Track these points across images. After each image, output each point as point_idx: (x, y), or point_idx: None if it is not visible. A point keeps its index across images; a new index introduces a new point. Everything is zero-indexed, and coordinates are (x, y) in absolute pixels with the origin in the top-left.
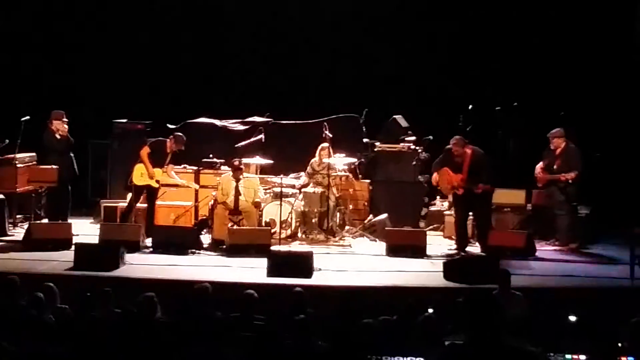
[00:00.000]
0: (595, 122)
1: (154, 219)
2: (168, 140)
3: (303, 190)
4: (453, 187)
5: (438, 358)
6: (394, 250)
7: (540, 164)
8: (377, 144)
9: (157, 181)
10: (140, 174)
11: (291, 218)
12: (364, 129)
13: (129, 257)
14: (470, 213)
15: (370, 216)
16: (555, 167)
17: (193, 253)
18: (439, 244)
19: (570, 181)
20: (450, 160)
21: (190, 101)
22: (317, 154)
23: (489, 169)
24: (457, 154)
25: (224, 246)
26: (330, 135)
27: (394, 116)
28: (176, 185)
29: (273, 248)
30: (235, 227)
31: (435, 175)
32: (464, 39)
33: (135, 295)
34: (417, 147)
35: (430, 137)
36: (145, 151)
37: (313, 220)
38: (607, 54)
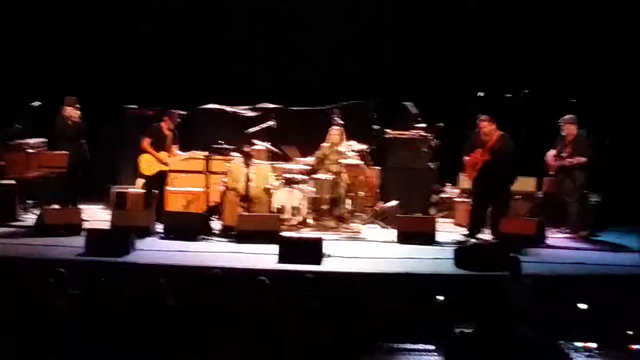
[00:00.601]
0: (606, 109)
1: (164, 204)
2: (163, 122)
3: (314, 176)
4: (474, 164)
5: (447, 346)
6: (404, 237)
7: (551, 151)
8: (388, 130)
9: (166, 164)
10: (147, 165)
11: (302, 204)
12: (375, 116)
13: (139, 243)
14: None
15: (381, 203)
16: (564, 153)
17: (204, 239)
18: (450, 231)
19: (578, 167)
20: (477, 142)
21: (200, 87)
22: (327, 137)
23: (514, 154)
24: (485, 130)
25: (234, 232)
26: (341, 122)
27: (404, 103)
28: (186, 171)
29: (283, 234)
30: (245, 213)
31: (466, 159)
32: (474, 25)
33: (146, 281)
34: (428, 134)
35: (441, 124)
36: (146, 142)
37: (324, 207)
38: (619, 41)
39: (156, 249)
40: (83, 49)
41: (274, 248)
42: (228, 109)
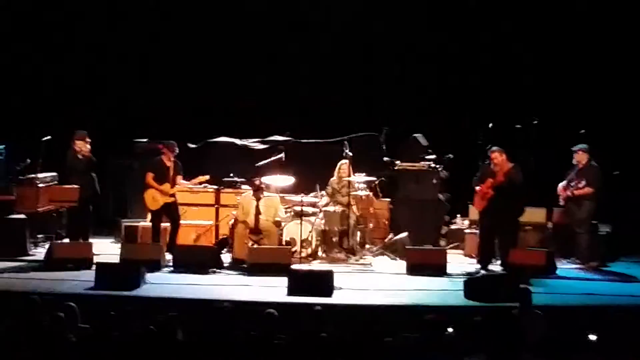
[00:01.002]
0: (616, 140)
1: (176, 236)
2: (162, 154)
3: (323, 209)
4: (484, 194)
5: None
6: (414, 269)
7: (563, 183)
8: (398, 162)
9: (172, 195)
10: (152, 199)
11: (312, 237)
12: (384, 148)
13: (150, 277)
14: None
15: (391, 235)
16: (573, 183)
17: (214, 272)
18: (460, 262)
19: (587, 197)
20: (488, 173)
21: (210, 120)
22: (335, 172)
23: (524, 186)
24: (495, 161)
25: (245, 265)
26: (351, 154)
27: (414, 135)
28: (197, 204)
29: (293, 267)
30: (255, 246)
31: (476, 189)
32: (482, 55)
33: (157, 315)
34: (438, 166)
35: (451, 156)
36: (149, 177)
37: (333, 239)
38: (626, 72)
39: (166, 283)
40: (93, 82)
41: (285, 281)
42: (238, 141)
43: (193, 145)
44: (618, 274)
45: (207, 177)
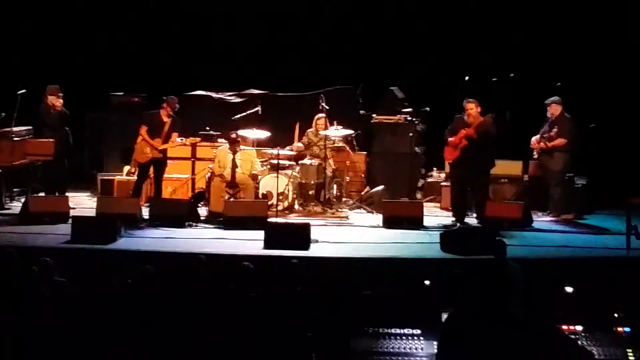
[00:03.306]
0: (591, 93)
1: (161, 191)
2: (161, 108)
3: (300, 162)
4: (456, 145)
5: (442, 329)
6: (390, 222)
7: (536, 136)
8: (374, 115)
9: (161, 151)
10: (141, 152)
11: (288, 190)
12: (360, 101)
13: (126, 230)
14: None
15: (367, 188)
16: (546, 135)
17: (190, 226)
18: (436, 215)
19: (560, 149)
20: (461, 124)
21: (186, 73)
22: (313, 124)
23: (495, 139)
24: (470, 112)
25: (221, 218)
26: (327, 107)
27: (390, 88)
28: (172, 158)
29: (270, 220)
30: (232, 199)
31: (449, 140)
32: (459, 9)
33: (133, 269)
34: (414, 119)
35: (427, 109)
36: (143, 129)
37: (310, 192)
38: (602, 25)
39: (142, 236)
40: (67, 36)
41: (261, 234)
42: (214, 95)
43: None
44: (594, 226)
45: (199, 139)
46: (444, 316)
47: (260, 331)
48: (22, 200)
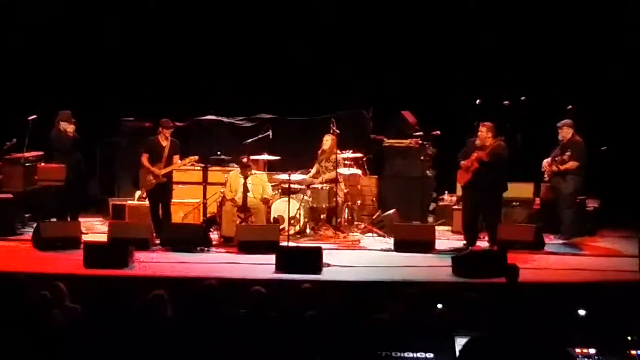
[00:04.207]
0: (603, 115)
1: (170, 215)
2: (158, 134)
3: (311, 186)
4: (468, 167)
5: (460, 354)
6: (402, 246)
7: (547, 159)
8: (385, 139)
9: (165, 175)
10: (145, 180)
11: (299, 214)
12: (371, 124)
13: (138, 256)
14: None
15: (379, 211)
16: (558, 158)
17: (202, 250)
18: (448, 238)
19: (572, 172)
20: (474, 148)
21: (197, 98)
22: (321, 145)
23: (507, 163)
24: (480, 135)
25: (233, 243)
26: (338, 131)
27: (401, 112)
28: (185, 183)
29: (281, 244)
30: (243, 223)
31: (462, 163)
32: (470, 32)
33: (145, 294)
34: (425, 142)
35: (438, 132)
36: (144, 157)
37: (321, 216)
38: (613, 47)
39: (154, 261)
40: (79, 61)
41: (273, 258)
42: (225, 119)
43: (180, 124)
44: (604, 249)
45: (195, 157)
46: (457, 340)
47: (270, 355)
48: (34, 225)
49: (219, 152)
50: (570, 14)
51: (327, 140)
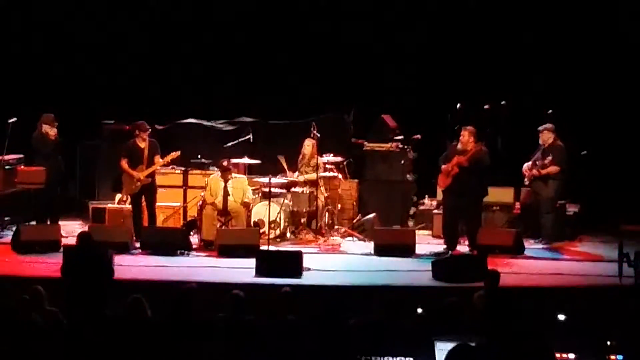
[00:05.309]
0: (583, 120)
1: (155, 217)
2: (135, 137)
3: (292, 190)
4: (449, 172)
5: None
6: (382, 250)
7: (528, 163)
8: (366, 143)
9: (149, 176)
10: (128, 184)
11: (280, 218)
12: (352, 128)
13: (117, 259)
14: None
15: (359, 216)
16: (538, 162)
17: (182, 254)
18: (428, 242)
19: (552, 177)
20: (455, 152)
21: (178, 102)
22: (301, 149)
23: (488, 168)
24: (461, 139)
25: (213, 247)
26: (319, 135)
27: (382, 116)
28: (164, 186)
29: (262, 248)
30: (224, 227)
31: (442, 167)
32: (451, 36)
33: (125, 297)
34: (406, 146)
35: (419, 136)
36: (123, 162)
37: (302, 220)
38: (595, 52)
39: (134, 265)
40: (60, 64)
41: (253, 262)
42: (206, 123)
43: (160, 127)
44: (584, 253)
45: (177, 152)
46: (437, 344)
47: (250, 359)
48: (14, 228)
49: (199, 156)
50: (551, 18)
51: (308, 145)
